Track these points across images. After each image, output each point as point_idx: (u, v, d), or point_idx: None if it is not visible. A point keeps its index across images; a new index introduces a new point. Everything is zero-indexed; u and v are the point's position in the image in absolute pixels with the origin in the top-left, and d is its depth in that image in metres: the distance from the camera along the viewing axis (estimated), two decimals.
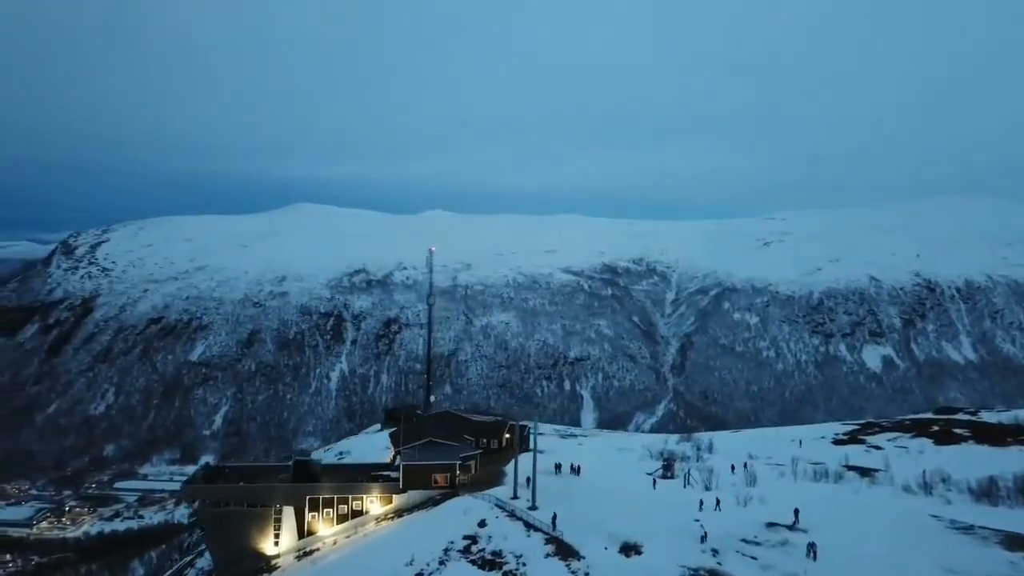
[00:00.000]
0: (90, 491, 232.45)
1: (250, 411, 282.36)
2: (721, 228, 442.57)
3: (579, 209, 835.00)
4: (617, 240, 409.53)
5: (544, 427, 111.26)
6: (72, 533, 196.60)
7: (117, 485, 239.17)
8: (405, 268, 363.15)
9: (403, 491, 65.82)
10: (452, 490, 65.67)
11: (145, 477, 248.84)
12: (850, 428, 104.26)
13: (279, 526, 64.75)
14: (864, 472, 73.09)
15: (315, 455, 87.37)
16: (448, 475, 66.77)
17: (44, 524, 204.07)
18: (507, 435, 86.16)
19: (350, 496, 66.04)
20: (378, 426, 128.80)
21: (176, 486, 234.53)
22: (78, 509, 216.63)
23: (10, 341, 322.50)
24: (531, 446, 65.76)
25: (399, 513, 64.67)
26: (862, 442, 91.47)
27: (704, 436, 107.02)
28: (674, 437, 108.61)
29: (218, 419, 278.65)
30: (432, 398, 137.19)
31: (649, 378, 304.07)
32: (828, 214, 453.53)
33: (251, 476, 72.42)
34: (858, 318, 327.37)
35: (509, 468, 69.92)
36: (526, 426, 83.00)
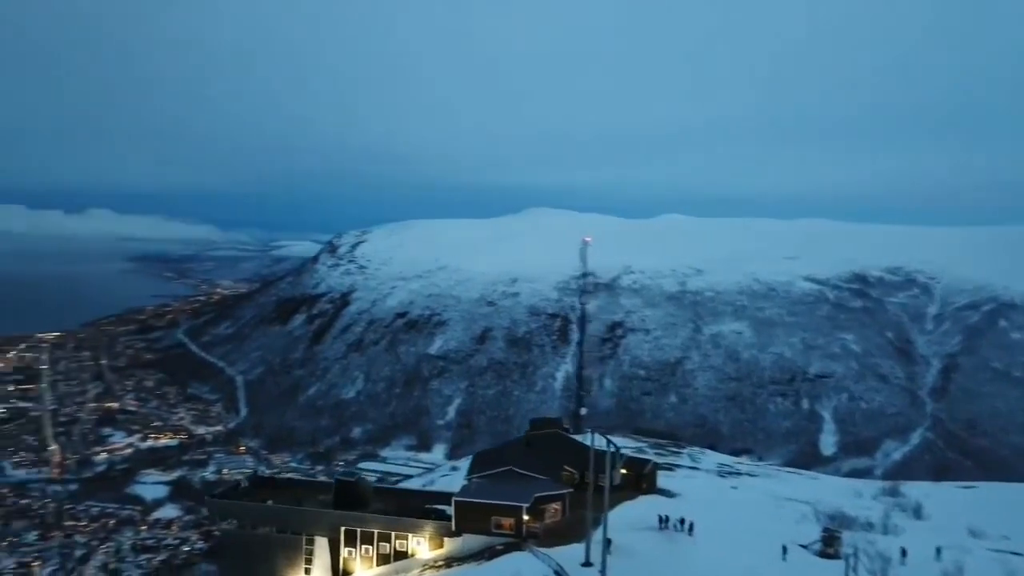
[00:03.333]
0: (337, 469, 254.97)
1: (480, 404, 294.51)
2: (993, 235, 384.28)
3: (822, 213, 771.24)
4: (868, 247, 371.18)
5: (710, 458, 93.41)
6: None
7: (360, 465, 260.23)
8: (632, 272, 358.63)
9: (456, 534, 52.12)
10: (517, 540, 51.08)
11: (384, 460, 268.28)
12: None
13: (310, 560, 54.47)
14: None
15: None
16: (514, 519, 51.76)
17: None
18: (623, 470, 66.54)
19: (393, 532, 53.41)
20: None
21: (412, 471, 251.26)
22: (366, 476, 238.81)
23: (282, 329, 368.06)
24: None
25: (449, 562, 51.62)
26: None
27: (914, 489, 78.73)
28: (873, 487, 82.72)
29: (451, 410, 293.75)
30: (583, 410, 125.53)
31: (902, 401, 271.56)
32: None
33: (290, 493, 61.27)
34: None
35: (612, 516, 51.33)
36: (648, 462, 68.05)
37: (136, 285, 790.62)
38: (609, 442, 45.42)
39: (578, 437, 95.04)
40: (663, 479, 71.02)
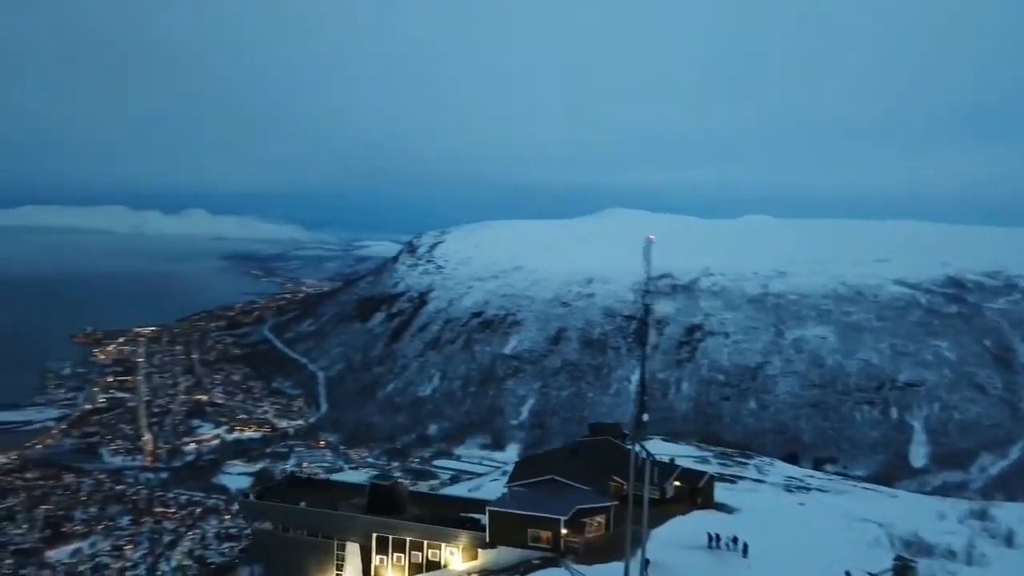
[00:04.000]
0: (413, 465, 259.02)
1: (553, 405, 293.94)
2: None
3: (914, 214, 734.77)
4: (964, 250, 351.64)
5: (778, 470, 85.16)
6: None
7: (435, 462, 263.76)
8: (712, 274, 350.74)
9: (491, 546, 48.94)
10: (554, 554, 47.82)
11: (459, 458, 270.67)
12: None
13: (341, 566, 52.41)
14: None
15: None
16: (551, 532, 48.14)
17: None
18: (677, 483, 63.48)
19: (426, 541, 50.51)
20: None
21: (485, 470, 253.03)
22: (403, 480, 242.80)
23: (363, 326, 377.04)
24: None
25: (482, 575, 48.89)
26: None
27: (1007, 512, 67.87)
28: (959, 508, 72.09)
29: (524, 411, 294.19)
30: (645, 416, 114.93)
31: (1001, 413, 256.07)
32: None
33: (326, 495, 58.45)
34: None
35: (658, 533, 50.15)
36: (704, 474, 63.01)
37: (227, 283, 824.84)
38: (645, 451, 41.97)
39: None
40: (723, 492, 66.40)
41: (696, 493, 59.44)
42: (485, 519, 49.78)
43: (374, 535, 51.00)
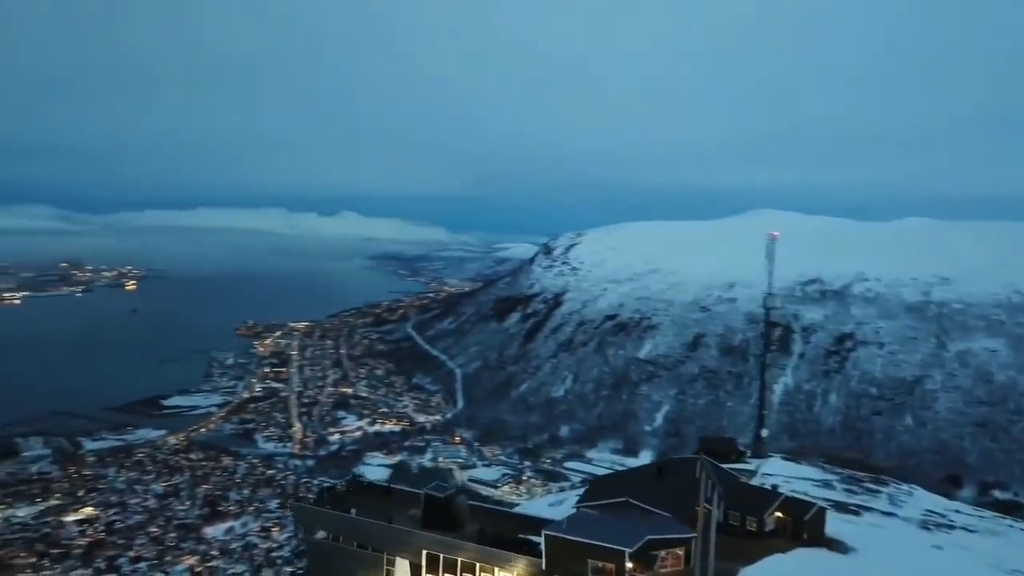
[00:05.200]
0: (545, 466, 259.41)
1: (690, 413, 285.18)
2: None
3: None
4: None
5: (916, 501, 70.76)
6: (523, 500, 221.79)
7: (567, 464, 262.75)
8: (866, 280, 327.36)
9: (547, 575, 43.41)
10: None
11: (590, 461, 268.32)
12: None
13: None
14: None
15: None
16: (615, 565, 41.57)
17: (506, 488, 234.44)
18: (778, 513, 54.21)
19: (479, 564, 45.21)
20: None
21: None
22: (533, 480, 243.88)
23: (499, 326, 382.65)
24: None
25: None
26: None
27: None
28: None
29: (659, 417, 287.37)
30: (764, 432, 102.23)
31: None
32: None
33: (385, 503, 53.59)
34: None
35: (750, 573, 44.85)
36: (813, 505, 53.81)
37: (375, 281, 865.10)
38: (710, 469, 36.55)
39: (752, 463, 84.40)
40: (839, 525, 57.52)
41: (802, 526, 51.98)
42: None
43: (424, 552, 46.51)
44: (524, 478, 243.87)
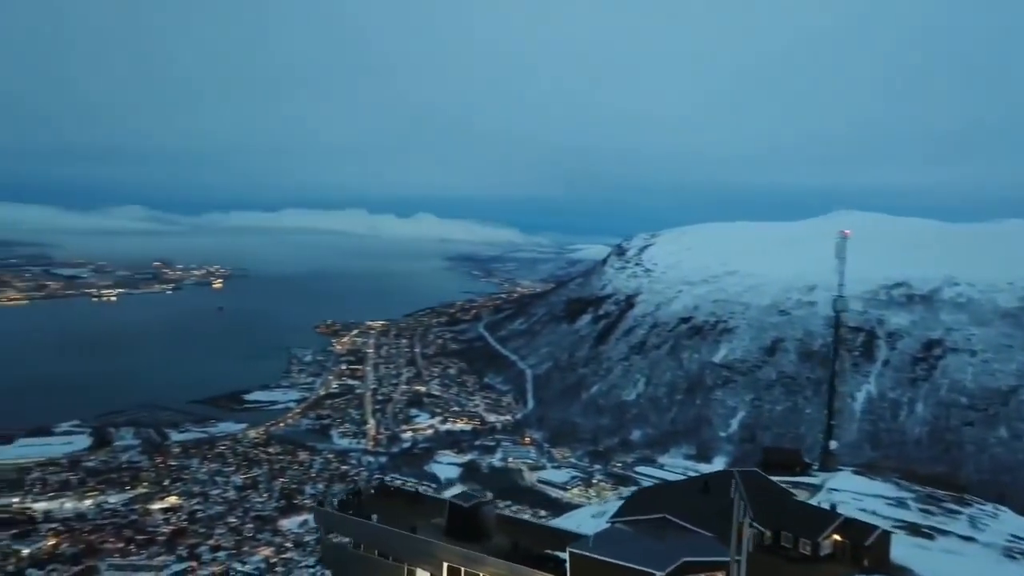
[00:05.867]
0: (615, 470, 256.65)
1: (766, 420, 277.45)
2: None
3: None
4: None
5: (1002, 524, 63.06)
6: (595, 504, 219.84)
7: (638, 469, 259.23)
8: (957, 284, 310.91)
9: None
10: None
11: (662, 467, 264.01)
12: None
13: None
14: None
15: None
16: None
17: (575, 491, 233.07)
18: (836, 536, 47.26)
19: None
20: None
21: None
22: (603, 484, 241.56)
23: (570, 327, 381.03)
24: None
25: None
26: None
27: None
28: None
29: (734, 423, 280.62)
30: (832, 444, 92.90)
31: None
32: None
33: (410, 510, 50.24)
34: None
35: None
36: (876, 528, 47.39)
37: (449, 282, 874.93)
38: (737, 488, 32.56)
39: (818, 477, 78.71)
40: (909, 551, 51.30)
41: (862, 551, 46.38)
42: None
43: (445, 564, 43.21)
44: (594, 481, 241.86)
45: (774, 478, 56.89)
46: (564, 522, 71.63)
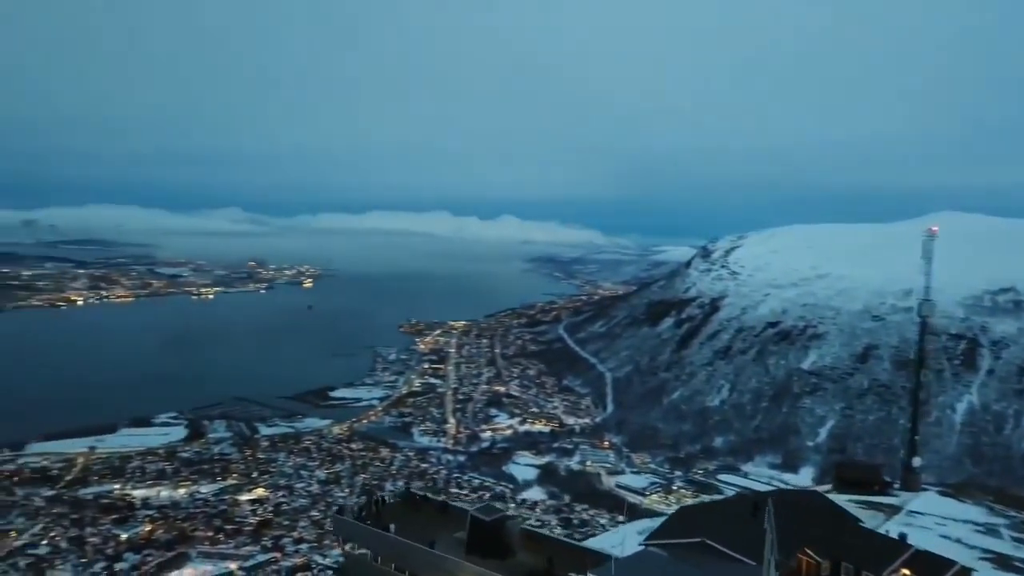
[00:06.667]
0: (696, 477, 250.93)
1: (858, 430, 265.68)
2: None
3: None
4: None
5: None
6: (671, 510, 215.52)
7: (720, 476, 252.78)
8: None
9: None
10: None
11: (746, 475, 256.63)
12: None
13: None
14: None
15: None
16: None
17: (654, 497, 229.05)
18: (905, 571, 38.86)
19: None
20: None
21: (773, 491, 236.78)
22: (684, 491, 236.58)
23: (651, 330, 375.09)
24: None
25: None
26: None
27: None
28: None
29: (823, 432, 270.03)
30: (916, 460, 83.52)
31: None
32: None
33: (435, 520, 46.51)
34: None
35: None
36: (953, 564, 39.99)
37: (531, 283, 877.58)
38: (769, 518, 28.68)
39: (898, 497, 72.41)
40: None
41: None
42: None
43: None
44: (674, 488, 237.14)
45: (849, 497, 52.44)
46: (609, 538, 66.54)
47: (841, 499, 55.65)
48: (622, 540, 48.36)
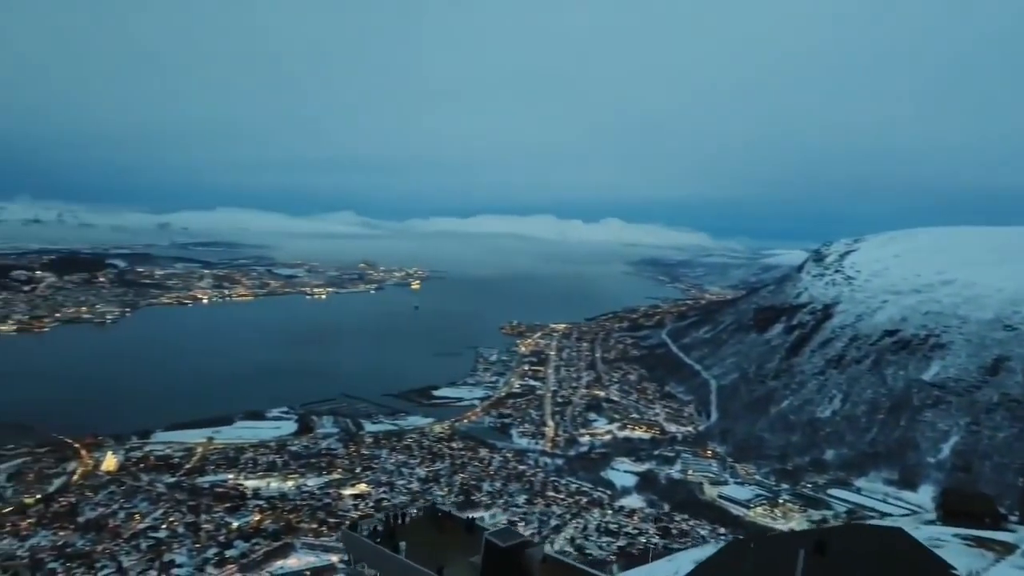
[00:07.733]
0: (805, 491, 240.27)
1: (985, 447, 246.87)
2: None
3: None
4: None
5: None
6: (780, 525, 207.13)
7: (831, 491, 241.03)
8: None
9: None
10: None
11: (859, 491, 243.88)
12: None
13: None
14: None
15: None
16: None
17: (759, 510, 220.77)
18: None
19: None
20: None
21: (889, 509, 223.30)
22: (791, 504, 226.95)
23: (759, 337, 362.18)
24: None
25: None
26: None
27: None
28: None
29: (945, 448, 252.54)
30: None
31: None
32: None
33: (448, 538, 42.51)
34: None
35: None
36: None
37: (634, 286, 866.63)
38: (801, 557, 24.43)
39: (1015, 532, 62.44)
40: None
41: None
42: None
43: None
44: (780, 501, 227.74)
45: (955, 530, 45.98)
46: (662, 567, 59.65)
47: (945, 532, 49.64)
48: (676, 571, 43.21)
